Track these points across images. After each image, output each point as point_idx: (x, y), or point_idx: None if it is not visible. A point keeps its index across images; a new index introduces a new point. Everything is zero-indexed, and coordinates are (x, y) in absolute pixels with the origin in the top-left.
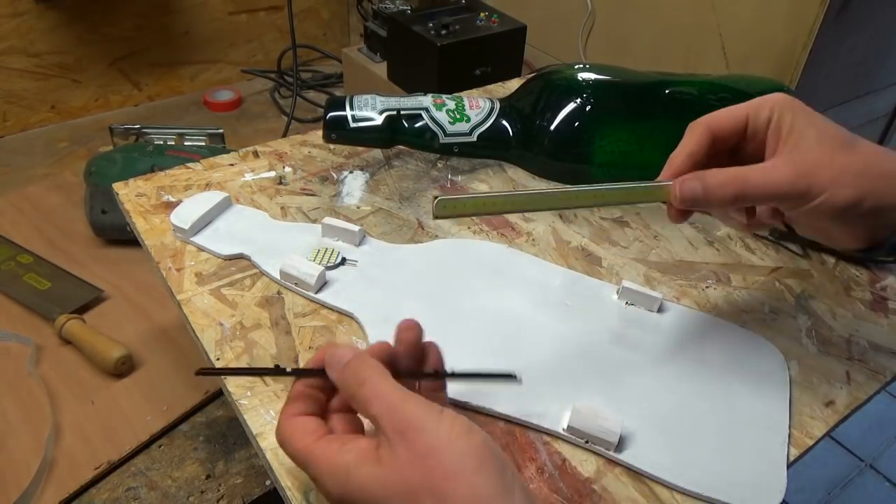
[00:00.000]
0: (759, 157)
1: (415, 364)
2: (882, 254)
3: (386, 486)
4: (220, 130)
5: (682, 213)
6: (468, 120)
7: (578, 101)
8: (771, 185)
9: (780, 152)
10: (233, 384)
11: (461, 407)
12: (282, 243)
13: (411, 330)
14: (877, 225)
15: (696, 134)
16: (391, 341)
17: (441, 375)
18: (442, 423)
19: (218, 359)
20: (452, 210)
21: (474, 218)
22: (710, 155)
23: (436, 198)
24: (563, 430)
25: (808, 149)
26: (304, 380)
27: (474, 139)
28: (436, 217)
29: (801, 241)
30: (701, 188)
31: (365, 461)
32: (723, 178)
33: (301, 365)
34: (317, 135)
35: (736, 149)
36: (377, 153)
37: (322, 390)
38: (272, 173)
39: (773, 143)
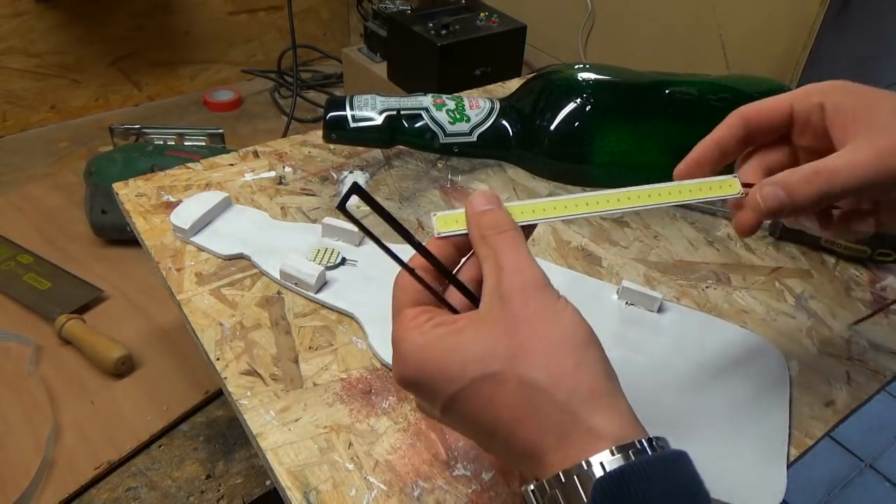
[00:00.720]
0: (821, 152)
1: None
2: None
3: (483, 343)
4: (220, 130)
5: (755, 223)
6: (468, 120)
7: (578, 101)
8: (858, 171)
9: (854, 136)
10: (233, 384)
11: None
12: (282, 243)
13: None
14: None
15: (729, 122)
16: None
17: None
18: (556, 296)
19: (218, 359)
20: (455, 226)
21: None
22: (744, 147)
23: (434, 214)
24: None
25: (886, 124)
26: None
27: (474, 139)
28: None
29: (801, 242)
30: (784, 192)
31: (458, 328)
32: (803, 174)
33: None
34: (317, 135)
35: (781, 145)
36: (377, 153)
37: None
38: (272, 173)
39: (839, 130)
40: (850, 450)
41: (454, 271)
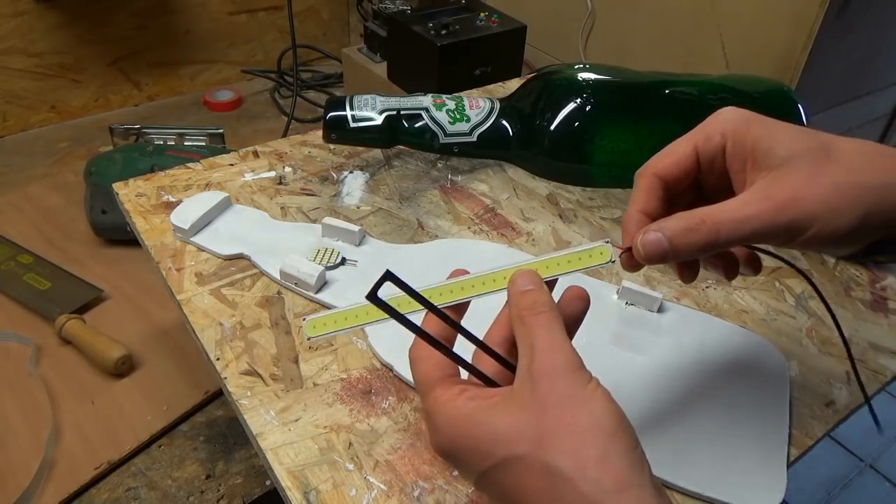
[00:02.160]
0: (726, 189)
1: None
2: (884, 256)
3: (512, 423)
4: (220, 130)
5: (636, 266)
6: (468, 120)
7: (578, 101)
8: (746, 224)
9: (748, 183)
10: (233, 384)
11: None
12: (282, 243)
13: (581, 301)
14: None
15: (643, 186)
16: (392, 342)
17: None
18: (587, 379)
19: (218, 359)
20: (323, 329)
21: (474, 218)
22: (669, 203)
23: (304, 318)
24: None
25: (782, 172)
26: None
27: (474, 139)
28: (309, 339)
29: None
30: (666, 241)
31: (491, 405)
32: (689, 223)
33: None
34: (317, 135)
35: (698, 184)
36: (377, 153)
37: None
38: (272, 173)
39: (737, 171)
40: (850, 450)
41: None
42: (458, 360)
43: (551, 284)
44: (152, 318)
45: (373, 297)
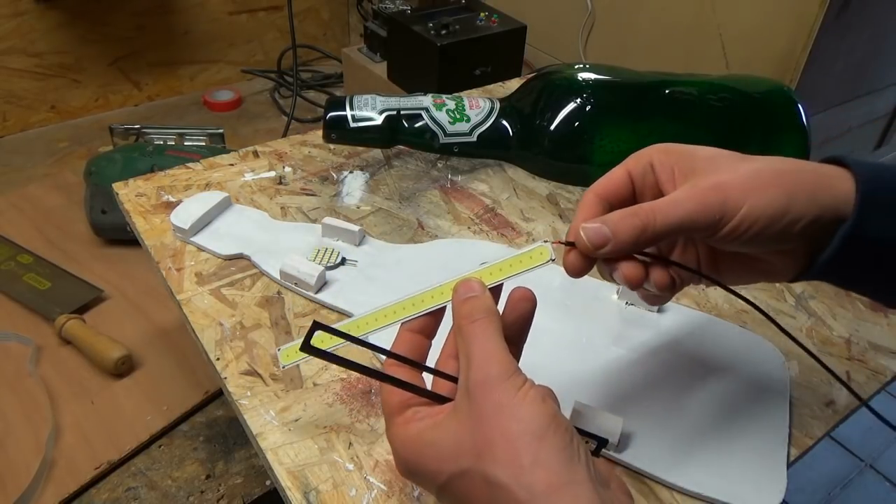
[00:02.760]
0: None
1: (515, 336)
2: (813, 276)
3: (454, 439)
4: (221, 130)
5: (582, 263)
6: (468, 120)
7: (578, 101)
8: (679, 207)
9: (679, 184)
10: (233, 384)
11: None
12: (282, 243)
13: (527, 302)
14: (805, 242)
15: (586, 203)
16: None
17: None
18: (518, 385)
19: (218, 359)
20: (297, 356)
21: (474, 218)
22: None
23: (279, 349)
24: None
25: (707, 169)
26: (407, 332)
27: (474, 139)
28: (283, 367)
29: None
30: (607, 228)
31: (436, 423)
32: (626, 212)
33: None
34: (317, 135)
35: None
36: (377, 153)
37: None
38: (272, 173)
39: (667, 182)
40: (850, 450)
41: (428, 358)
42: (405, 386)
43: (497, 290)
44: (152, 318)
45: (307, 347)
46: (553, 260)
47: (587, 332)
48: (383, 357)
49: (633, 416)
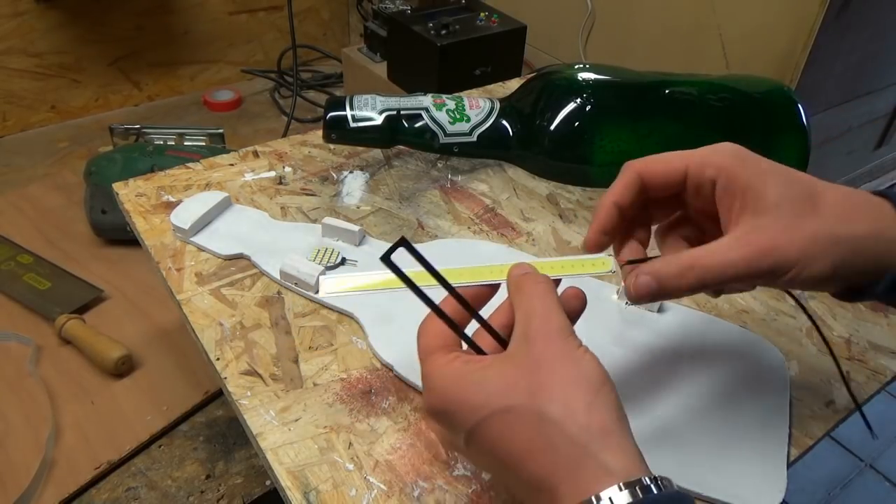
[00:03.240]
0: (708, 215)
1: None
2: (867, 298)
3: (505, 379)
4: (220, 130)
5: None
6: (468, 120)
7: (578, 101)
8: (730, 268)
9: (734, 223)
10: (233, 384)
11: None
12: (282, 243)
13: (578, 300)
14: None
15: (626, 180)
16: (392, 342)
17: None
18: (577, 343)
19: (218, 359)
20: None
21: (474, 218)
22: (642, 202)
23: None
24: None
25: (767, 218)
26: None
27: (474, 139)
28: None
29: None
30: (656, 284)
31: (484, 366)
32: (677, 268)
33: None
34: (317, 135)
35: (678, 197)
36: (377, 153)
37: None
38: (272, 173)
39: (725, 209)
40: (850, 450)
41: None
42: (459, 332)
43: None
44: (152, 318)
45: (387, 259)
46: (613, 272)
47: (587, 332)
48: (384, 359)
49: (633, 416)
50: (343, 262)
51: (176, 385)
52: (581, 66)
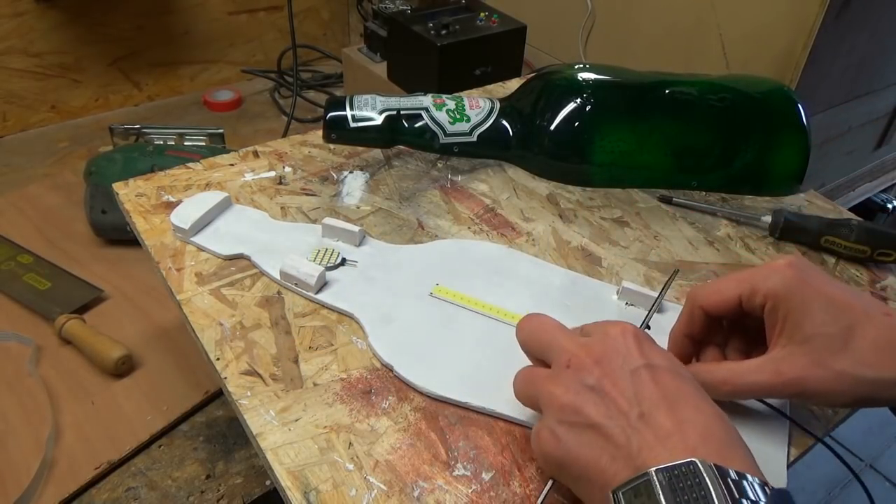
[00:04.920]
0: (762, 328)
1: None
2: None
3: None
4: (220, 130)
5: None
6: (468, 120)
7: (578, 101)
8: (757, 390)
9: (773, 345)
10: (233, 384)
11: (461, 407)
12: (282, 243)
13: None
14: None
15: (689, 314)
16: (392, 343)
17: None
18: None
19: (218, 359)
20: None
21: (474, 218)
22: (709, 326)
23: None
24: None
25: (800, 350)
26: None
27: (474, 139)
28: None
29: (801, 242)
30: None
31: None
32: (712, 381)
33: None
34: (317, 135)
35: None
36: (377, 153)
37: None
38: (272, 173)
39: (770, 328)
40: (850, 450)
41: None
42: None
43: None
44: (152, 318)
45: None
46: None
47: None
48: (384, 359)
49: None
50: (343, 262)
51: (176, 385)
52: (581, 66)
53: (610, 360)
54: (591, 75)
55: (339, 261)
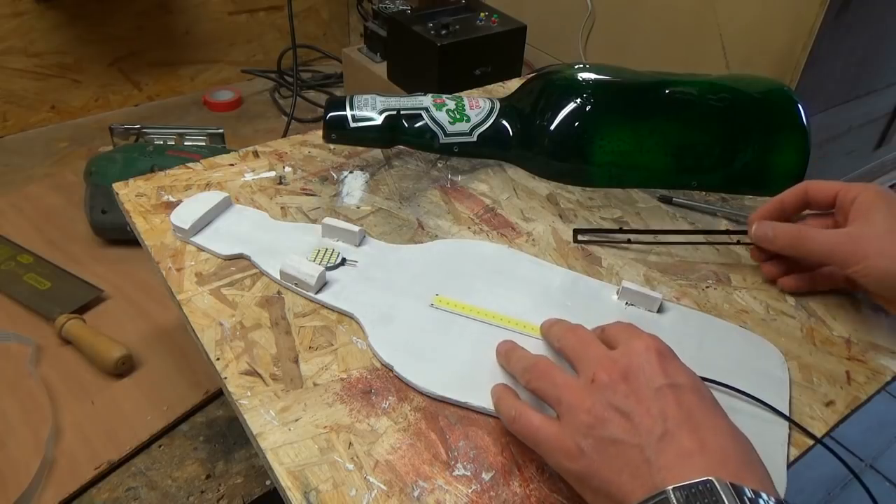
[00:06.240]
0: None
1: None
2: None
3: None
4: (220, 130)
5: (767, 262)
6: (468, 120)
7: (578, 101)
8: (821, 245)
9: (849, 224)
10: (233, 384)
11: (461, 407)
12: (282, 243)
13: None
14: None
15: (794, 190)
16: (392, 343)
17: None
18: None
19: (218, 359)
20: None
21: (474, 218)
22: (799, 209)
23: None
24: None
25: (867, 225)
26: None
27: (474, 139)
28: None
29: None
30: (772, 234)
31: None
32: (791, 231)
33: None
34: (317, 135)
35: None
36: (377, 153)
37: None
38: (272, 173)
39: (851, 218)
40: (850, 450)
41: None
42: None
43: None
44: (152, 318)
45: None
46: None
47: None
48: (384, 359)
49: None
50: (343, 262)
51: (176, 385)
52: (581, 66)
53: (636, 376)
54: (591, 75)
55: (339, 261)
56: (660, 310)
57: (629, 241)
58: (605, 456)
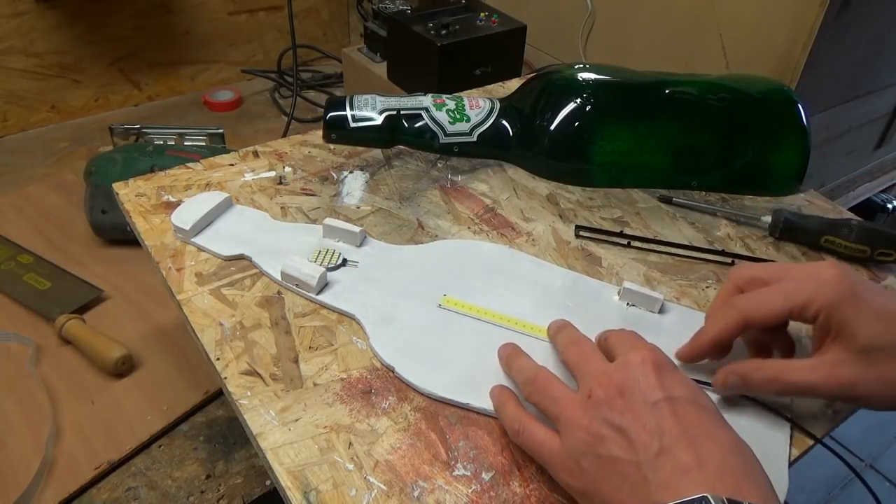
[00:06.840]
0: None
1: None
2: None
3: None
4: (220, 130)
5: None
6: (468, 120)
7: (578, 101)
8: (809, 389)
9: (824, 350)
10: (233, 384)
11: (462, 407)
12: (282, 244)
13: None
14: None
15: (729, 320)
16: (393, 343)
17: None
18: None
19: (218, 359)
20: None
21: (474, 218)
22: (736, 337)
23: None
24: None
25: (853, 357)
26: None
27: (474, 139)
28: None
29: (801, 242)
30: (743, 386)
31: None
32: (763, 378)
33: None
34: (317, 135)
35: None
36: (377, 153)
37: None
38: (272, 173)
39: (819, 337)
40: (850, 450)
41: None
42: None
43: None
44: (152, 318)
45: None
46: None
47: (588, 333)
48: (385, 360)
49: None
50: (344, 262)
51: (176, 385)
52: (581, 66)
53: (631, 391)
54: (591, 75)
55: (339, 261)
56: (661, 310)
57: (628, 244)
58: (605, 474)
